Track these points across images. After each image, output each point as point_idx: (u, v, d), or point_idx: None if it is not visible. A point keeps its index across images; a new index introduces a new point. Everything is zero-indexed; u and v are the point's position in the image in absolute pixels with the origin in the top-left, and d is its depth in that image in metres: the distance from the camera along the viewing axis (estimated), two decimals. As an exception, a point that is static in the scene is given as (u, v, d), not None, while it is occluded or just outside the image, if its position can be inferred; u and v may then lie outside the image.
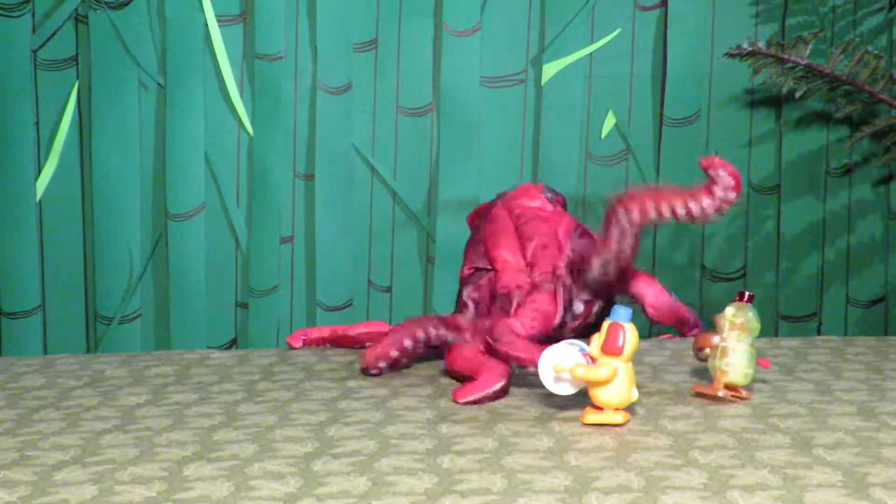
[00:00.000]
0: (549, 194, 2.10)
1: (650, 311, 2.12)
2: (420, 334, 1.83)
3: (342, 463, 1.34)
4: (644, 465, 1.31)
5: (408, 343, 1.83)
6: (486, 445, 1.41)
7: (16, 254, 2.34)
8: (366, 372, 1.85)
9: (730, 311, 1.67)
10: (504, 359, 1.72)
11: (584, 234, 2.02)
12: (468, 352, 1.79)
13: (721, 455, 1.35)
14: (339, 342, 2.11)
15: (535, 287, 1.92)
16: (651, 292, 2.14)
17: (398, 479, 1.27)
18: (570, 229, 2.01)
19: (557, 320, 1.90)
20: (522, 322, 1.84)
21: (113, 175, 2.34)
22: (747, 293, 1.68)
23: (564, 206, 2.14)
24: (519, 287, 1.94)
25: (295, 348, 2.10)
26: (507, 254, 1.98)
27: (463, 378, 1.75)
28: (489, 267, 2.01)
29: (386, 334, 1.87)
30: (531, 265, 1.95)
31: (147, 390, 1.78)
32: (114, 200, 2.34)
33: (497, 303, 1.93)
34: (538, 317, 1.87)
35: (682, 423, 1.52)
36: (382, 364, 1.83)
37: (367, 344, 2.06)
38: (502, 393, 1.67)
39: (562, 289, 1.92)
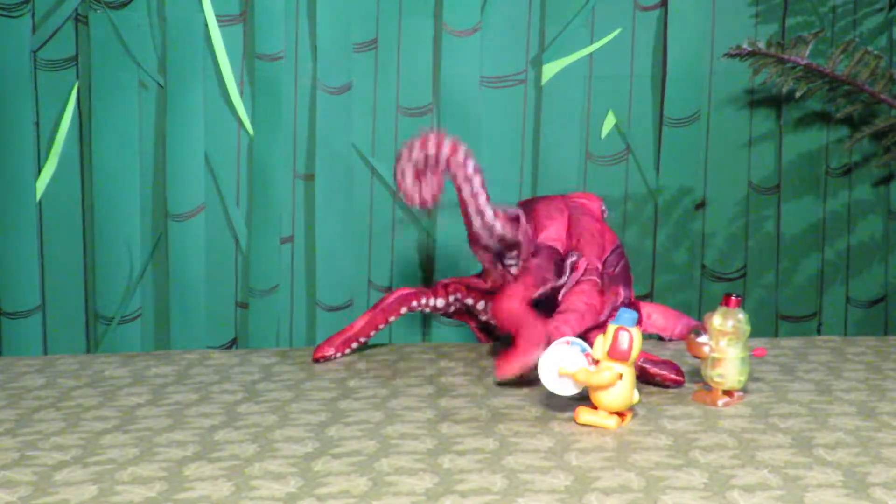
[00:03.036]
0: (606, 211, 2.12)
1: (661, 333, 2.13)
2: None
3: (342, 463, 1.34)
4: (644, 465, 1.31)
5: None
6: (487, 445, 1.41)
7: (16, 254, 2.34)
8: None
9: (717, 320, 1.63)
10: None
11: (622, 255, 2.03)
12: (514, 306, 1.81)
13: (721, 455, 1.35)
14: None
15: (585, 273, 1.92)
16: (659, 316, 2.14)
17: (398, 479, 1.27)
18: (613, 241, 2.02)
19: (603, 316, 1.89)
20: (562, 327, 1.82)
21: (113, 175, 2.34)
22: (734, 297, 1.63)
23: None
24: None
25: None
26: (553, 230, 1.99)
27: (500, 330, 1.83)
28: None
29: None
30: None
31: (147, 390, 1.78)
32: (114, 200, 2.34)
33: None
34: (580, 319, 1.87)
35: (682, 423, 1.52)
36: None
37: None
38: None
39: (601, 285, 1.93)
